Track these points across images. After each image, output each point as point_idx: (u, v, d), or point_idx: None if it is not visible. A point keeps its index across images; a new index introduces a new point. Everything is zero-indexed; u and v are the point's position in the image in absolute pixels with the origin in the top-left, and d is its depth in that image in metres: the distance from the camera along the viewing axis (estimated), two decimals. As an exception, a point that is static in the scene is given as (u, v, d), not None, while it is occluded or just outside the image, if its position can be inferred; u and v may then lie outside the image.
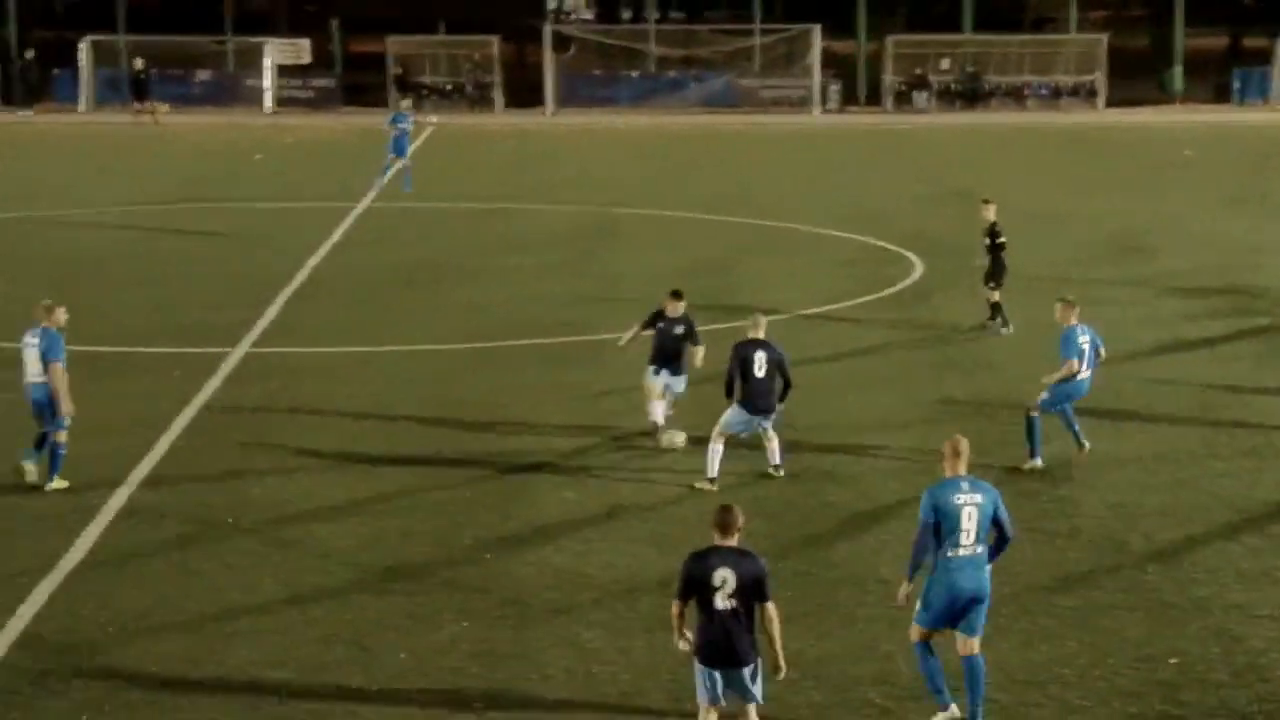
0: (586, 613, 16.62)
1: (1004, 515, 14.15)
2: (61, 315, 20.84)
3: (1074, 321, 21.60)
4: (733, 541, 12.96)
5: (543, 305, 31.82)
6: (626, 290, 32.73)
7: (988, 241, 29.30)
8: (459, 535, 18.89)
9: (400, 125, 46.71)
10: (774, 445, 20.77)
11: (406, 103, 50.48)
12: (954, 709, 14.13)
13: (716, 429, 20.47)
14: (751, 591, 12.80)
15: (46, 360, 20.41)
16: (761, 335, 20.73)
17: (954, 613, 14.00)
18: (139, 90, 69.38)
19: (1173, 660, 15.45)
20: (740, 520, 13.03)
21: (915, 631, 14.19)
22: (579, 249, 38.37)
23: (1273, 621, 16.40)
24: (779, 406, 20.72)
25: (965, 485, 14.08)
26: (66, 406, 20.36)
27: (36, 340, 20.57)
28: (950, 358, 27.33)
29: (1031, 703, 14.61)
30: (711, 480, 20.30)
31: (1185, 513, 19.73)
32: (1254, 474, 21.21)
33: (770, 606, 12.90)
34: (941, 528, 13.91)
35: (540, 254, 37.57)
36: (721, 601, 12.79)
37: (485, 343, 28.64)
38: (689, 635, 13.07)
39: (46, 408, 20.49)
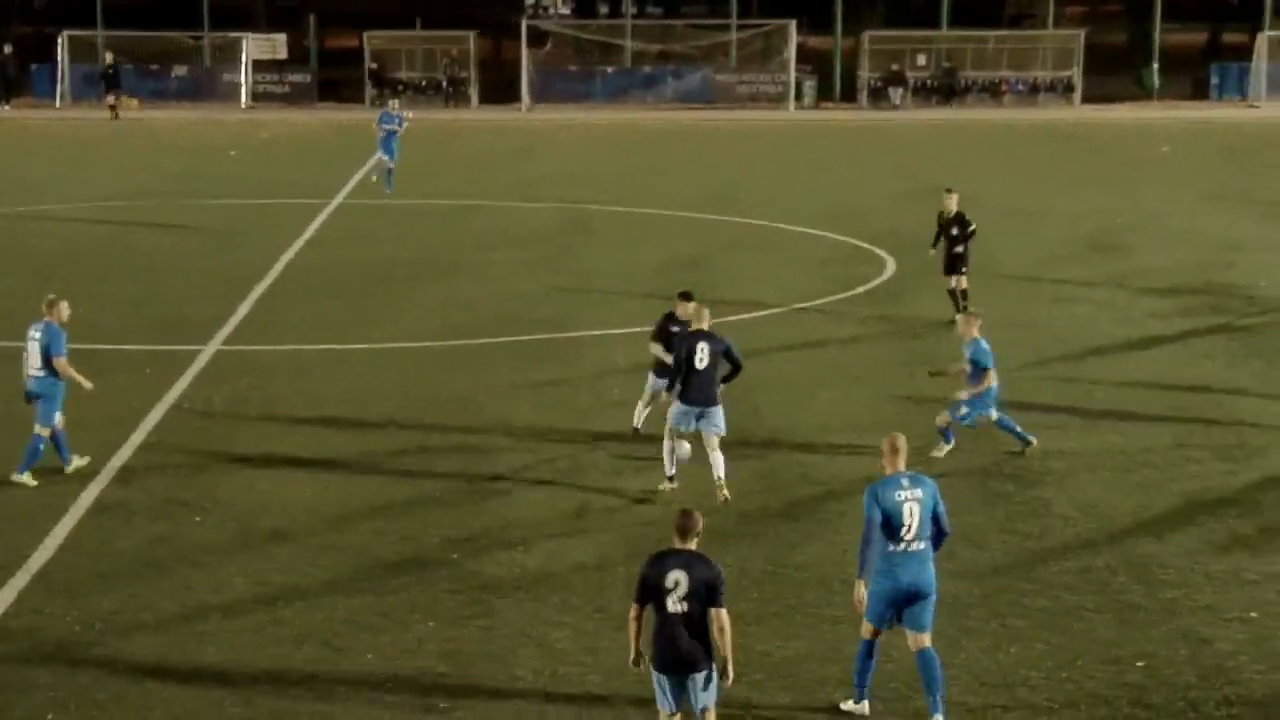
0: (555, 613, 16.60)
1: (941, 510, 14.30)
2: (64, 310, 21.02)
3: (976, 334, 21.58)
4: (691, 545, 12.91)
5: (518, 302, 31.78)
6: (602, 287, 32.70)
7: (956, 231, 29.45)
8: (428, 534, 18.86)
9: (386, 126, 46.39)
10: (718, 457, 19.99)
11: (395, 102, 50.00)
12: (865, 706, 14.37)
13: (666, 426, 20.37)
14: (704, 596, 12.69)
15: (49, 354, 20.54)
16: (705, 326, 20.31)
17: (898, 607, 14.16)
18: (108, 84, 69.30)
19: (1140, 663, 15.45)
20: (699, 524, 12.98)
21: (865, 628, 14.34)
22: (554, 246, 38.34)
23: (1241, 623, 16.42)
24: (720, 388, 20.14)
25: (906, 481, 14.21)
26: (86, 385, 20.93)
27: (39, 334, 20.76)
28: (922, 355, 27.30)
29: (999, 705, 14.60)
30: (671, 479, 20.21)
31: (1156, 514, 19.74)
32: (1225, 475, 21.22)
33: (721, 613, 12.73)
34: (886, 524, 14.04)
35: (515, 251, 37.52)
36: (673, 605, 12.73)
37: (458, 340, 28.60)
38: (642, 649, 13.01)
39: (39, 401, 20.57)
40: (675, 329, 21.19)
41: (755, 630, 15.84)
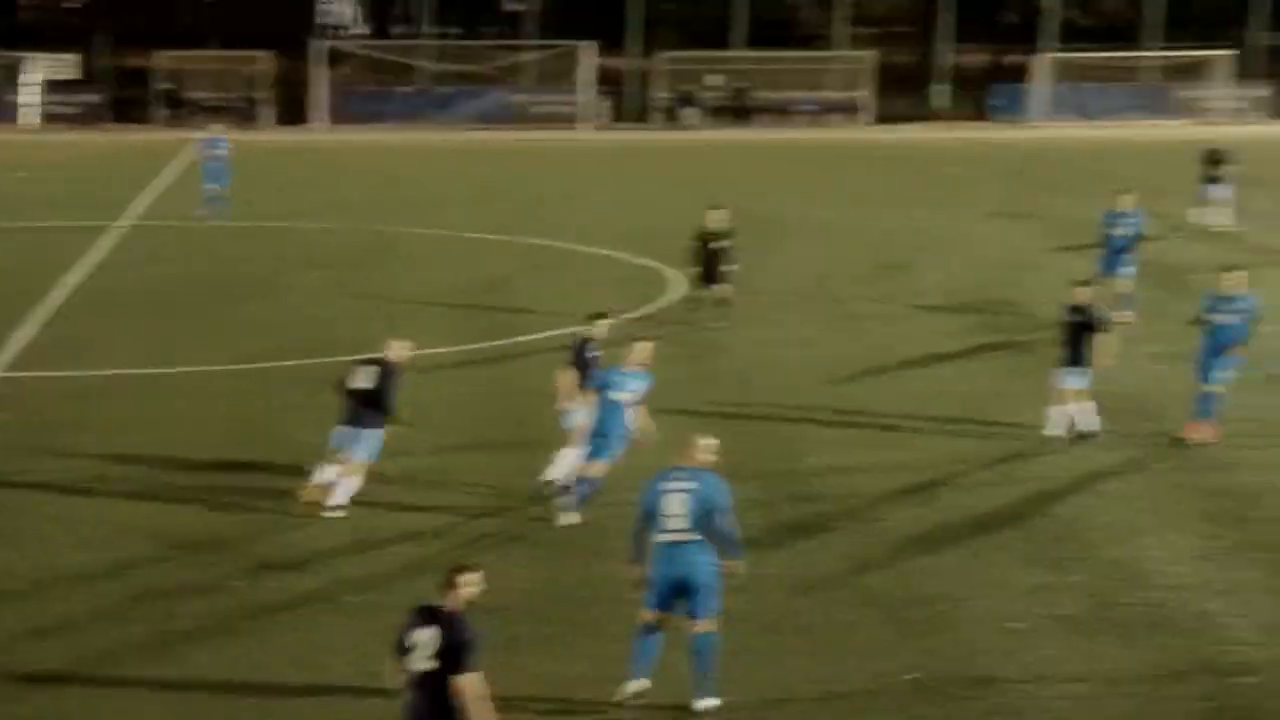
0: (327, 638, 16.64)
1: (720, 508, 14.70)
2: None
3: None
4: (452, 603, 12.45)
5: (315, 325, 31.63)
6: (401, 309, 32.64)
7: (715, 245, 30.40)
8: (208, 564, 18.78)
9: (211, 151, 45.67)
10: (339, 476, 20.13)
11: (219, 126, 48.99)
12: (643, 683, 14.86)
13: None
14: (450, 657, 12.21)
15: None
16: (388, 355, 20.38)
17: (669, 596, 14.71)
18: None
19: (909, 675, 15.85)
20: (463, 583, 12.45)
21: (643, 614, 14.84)
22: (353, 268, 38.19)
23: (1010, 633, 16.93)
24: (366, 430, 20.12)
25: (682, 474, 14.84)
26: None
27: None
28: (708, 373, 27.70)
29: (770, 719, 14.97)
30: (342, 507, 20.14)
31: (931, 526, 20.23)
32: (997, 487, 21.80)
33: (464, 679, 12.15)
34: (653, 515, 14.74)
35: (314, 273, 37.35)
36: (420, 663, 12.31)
37: (250, 364, 28.43)
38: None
39: None
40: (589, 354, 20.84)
41: (541, 653, 16.06)
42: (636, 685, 14.92)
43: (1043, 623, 17.24)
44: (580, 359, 20.86)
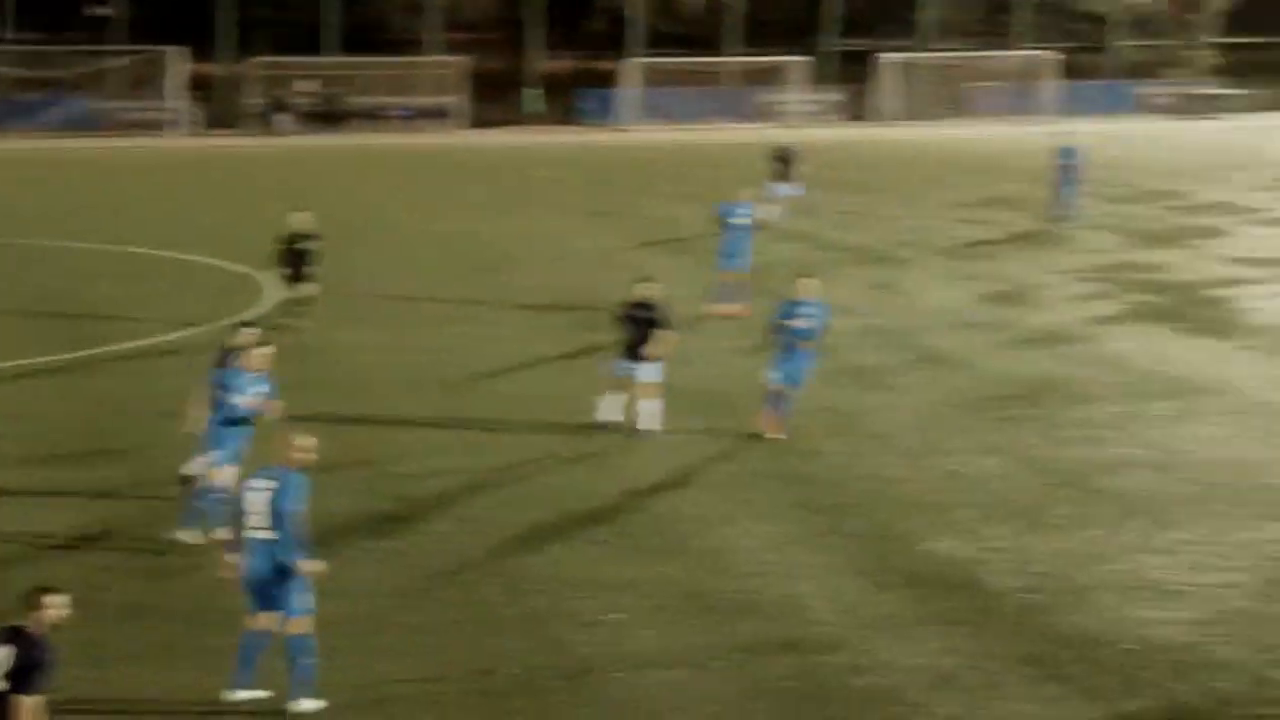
0: None
1: (284, 507, 14.95)
2: None
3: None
4: (32, 623, 12.27)
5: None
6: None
7: (300, 246, 30.52)
8: None
9: None
10: None
11: None
12: (249, 690, 15.06)
13: None
14: (21, 678, 12.04)
15: None
16: None
17: (259, 595, 15.00)
18: None
19: (507, 670, 16.18)
20: (48, 600, 12.35)
21: (247, 619, 15.12)
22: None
23: (600, 627, 17.41)
24: None
25: (269, 473, 15.14)
26: None
27: None
28: (305, 377, 27.61)
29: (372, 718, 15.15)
30: None
31: (527, 524, 20.59)
32: (590, 485, 22.29)
33: (24, 700, 12.00)
34: (239, 512, 15.17)
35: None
36: None
37: None
38: None
39: None
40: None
41: (134, 667, 15.95)
42: (244, 693, 14.95)
43: (639, 613, 17.77)
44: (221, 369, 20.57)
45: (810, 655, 16.80)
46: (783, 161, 45.65)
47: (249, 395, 19.82)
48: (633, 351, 24.57)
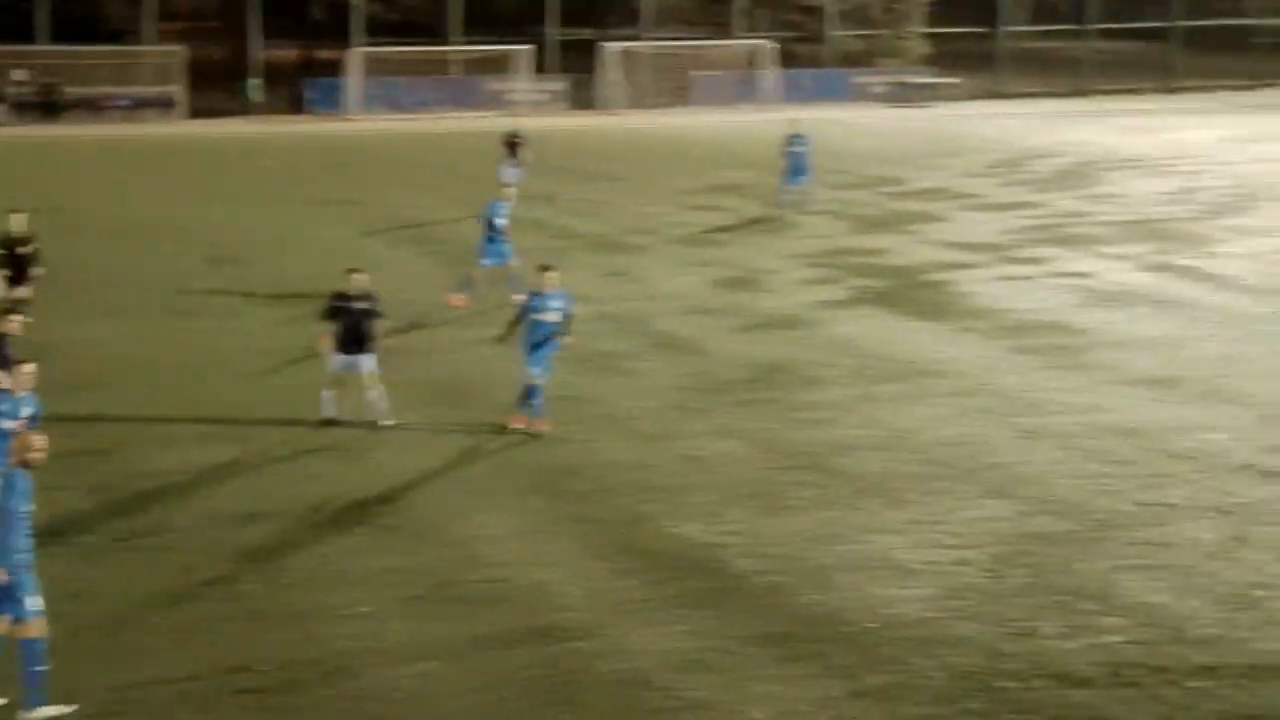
0: None
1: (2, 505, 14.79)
2: None
3: None
4: None
5: None
6: None
7: (20, 249, 29.72)
8: None
9: None
10: None
11: None
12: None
13: None
14: None
15: None
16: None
17: None
18: None
19: (266, 667, 16.22)
20: None
21: None
22: None
23: (357, 619, 17.52)
24: None
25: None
26: None
27: None
28: (55, 377, 27.21)
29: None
30: None
31: (275, 521, 20.57)
32: (338, 478, 22.30)
33: None
34: None
35: None
36: None
37: None
38: None
39: None
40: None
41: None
42: None
43: (391, 605, 17.92)
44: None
45: (560, 643, 17.07)
46: (510, 146, 46.20)
47: (16, 420, 19.37)
48: (350, 344, 24.59)
